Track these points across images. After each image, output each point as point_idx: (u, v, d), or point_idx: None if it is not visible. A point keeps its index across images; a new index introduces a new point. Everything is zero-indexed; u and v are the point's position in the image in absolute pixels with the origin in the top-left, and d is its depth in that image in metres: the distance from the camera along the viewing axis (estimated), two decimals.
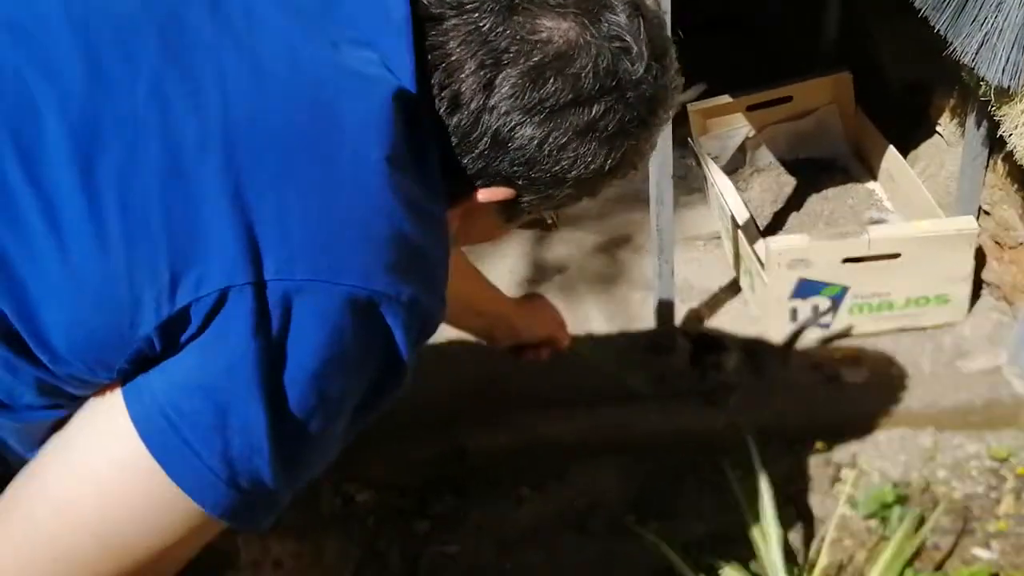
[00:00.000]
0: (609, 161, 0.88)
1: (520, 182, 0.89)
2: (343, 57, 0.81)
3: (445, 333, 1.68)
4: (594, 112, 0.85)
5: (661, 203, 1.79)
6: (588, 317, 2.09)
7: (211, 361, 0.76)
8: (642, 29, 0.86)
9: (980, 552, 1.63)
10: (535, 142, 0.85)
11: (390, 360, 0.83)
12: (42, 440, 0.83)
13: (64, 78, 0.76)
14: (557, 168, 0.87)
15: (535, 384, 1.87)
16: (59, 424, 0.83)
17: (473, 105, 0.83)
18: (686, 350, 1.90)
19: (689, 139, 2.40)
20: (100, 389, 0.80)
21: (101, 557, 0.80)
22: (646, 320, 2.02)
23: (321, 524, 1.59)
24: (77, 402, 0.82)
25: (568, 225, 2.37)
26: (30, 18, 0.79)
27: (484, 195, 0.90)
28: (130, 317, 0.74)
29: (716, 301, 2.11)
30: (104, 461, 0.79)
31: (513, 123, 0.84)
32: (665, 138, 1.66)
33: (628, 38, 0.85)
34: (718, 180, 2.18)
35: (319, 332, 0.77)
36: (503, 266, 2.23)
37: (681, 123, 2.52)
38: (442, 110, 0.84)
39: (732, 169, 2.42)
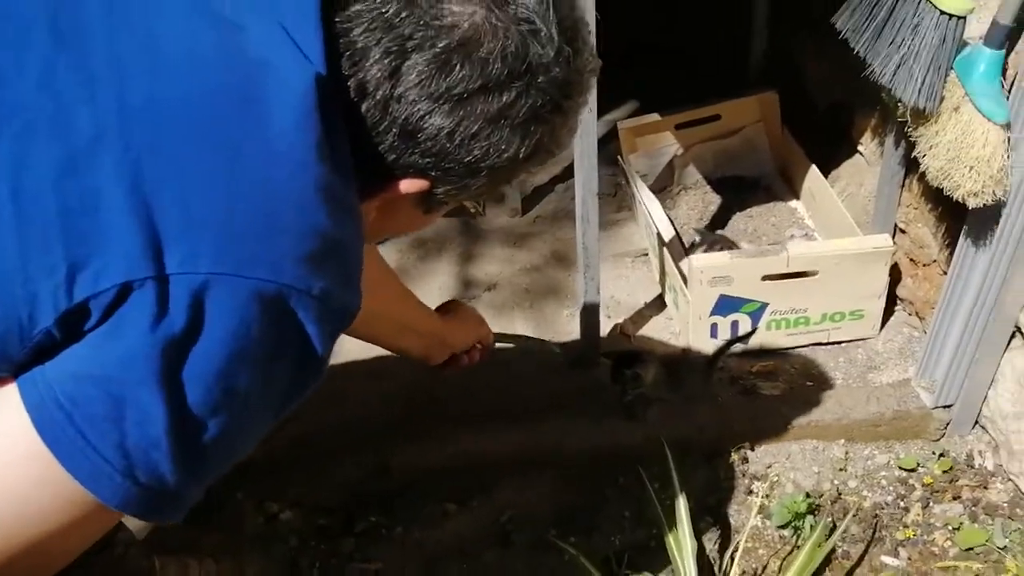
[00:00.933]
0: (524, 148, 0.86)
1: (434, 173, 0.86)
2: (251, 40, 0.78)
3: (371, 350, 1.70)
4: (504, 99, 0.82)
5: (587, 221, 1.82)
6: (516, 331, 2.11)
7: (108, 352, 0.74)
8: (551, 10, 0.82)
9: (888, 560, 1.68)
10: (445, 132, 0.82)
11: (304, 354, 0.81)
12: None
13: None
14: (470, 158, 0.85)
15: (460, 401, 1.90)
16: None
17: (380, 94, 0.80)
18: (607, 366, 1.93)
19: (619, 157, 2.45)
20: None
21: None
22: (573, 335, 2.06)
23: (242, 544, 1.60)
24: None
25: (498, 241, 2.40)
26: None
27: (399, 187, 0.87)
28: (28, 311, 0.73)
29: (641, 317, 2.16)
30: None
31: (421, 112, 0.81)
32: (590, 156, 1.69)
33: (537, 20, 0.81)
34: (645, 198, 2.22)
35: (225, 326, 0.75)
36: (434, 283, 2.26)
37: (610, 141, 2.58)
38: (353, 100, 0.81)
39: (660, 187, 2.47)
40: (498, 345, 1.79)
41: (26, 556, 0.79)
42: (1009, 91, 1.47)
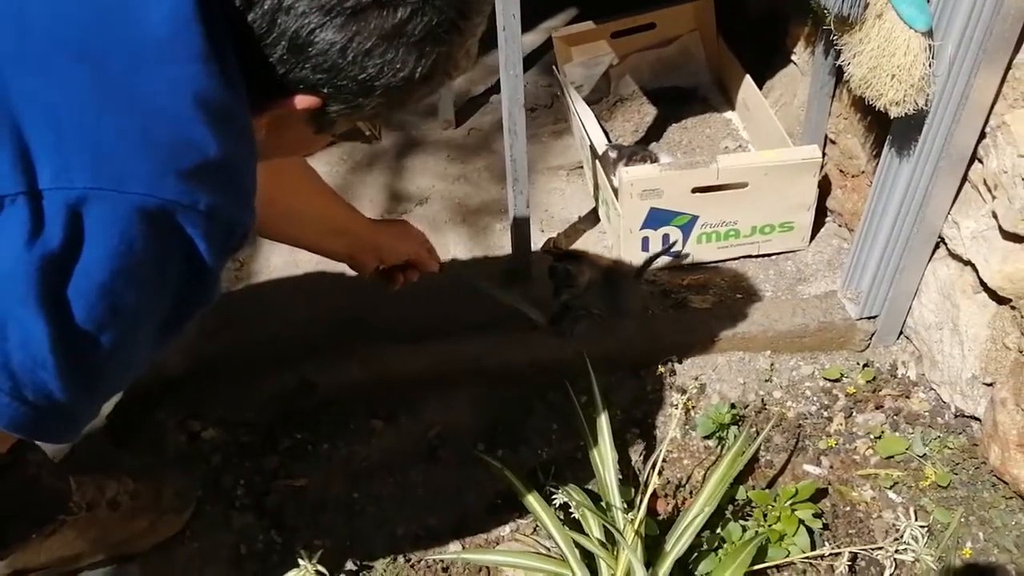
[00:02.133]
0: (420, 68, 0.83)
1: (326, 90, 0.83)
2: None
3: (295, 267, 1.67)
4: (399, 15, 0.79)
5: (514, 133, 1.78)
6: (448, 246, 2.09)
7: None
8: None
9: (810, 468, 1.71)
10: (337, 47, 0.80)
11: (193, 271, 0.79)
12: None
13: None
14: (363, 76, 0.82)
15: (387, 318, 1.88)
16: None
17: (267, 4, 0.78)
18: (543, 276, 1.91)
19: (554, 67, 2.40)
20: None
21: None
22: (505, 249, 2.03)
23: (162, 463, 1.58)
24: None
25: (430, 154, 2.36)
26: None
27: (292, 103, 0.85)
28: None
29: (575, 231, 2.14)
30: None
31: (312, 25, 0.79)
32: (515, 65, 1.65)
33: None
34: (579, 109, 2.18)
35: (106, 243, 0.73)
36: (364, 197, 2.21)
37: (547, 51, 2.52)
38: (240, 10, 0.78)
39: (596, 98, 2.43)
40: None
41: None
42: None
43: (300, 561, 1.31)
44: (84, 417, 0.84)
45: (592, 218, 2.17)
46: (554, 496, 1.45)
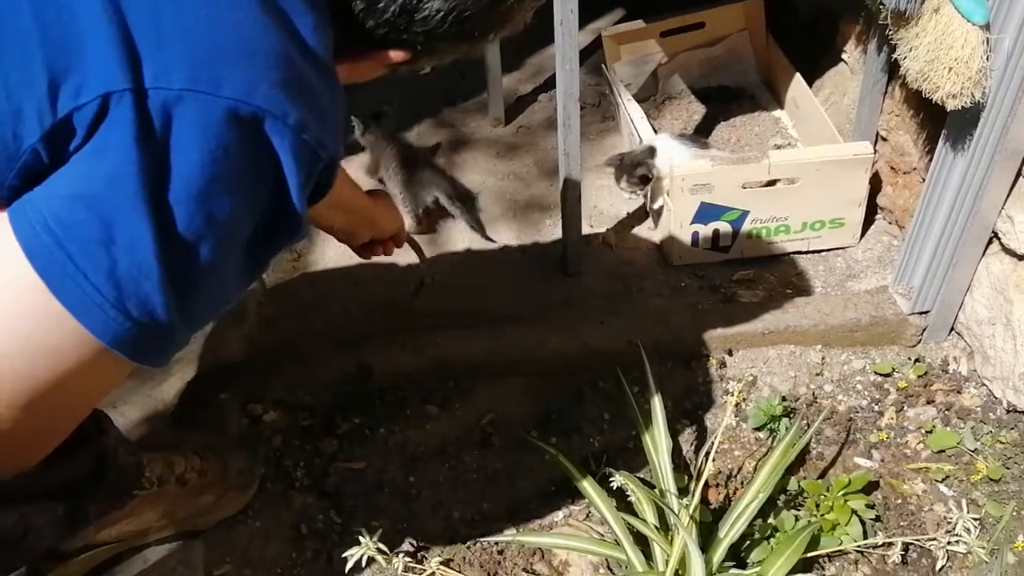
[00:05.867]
0: (498, 28, 0.92)
1: (419, 47, 0.91)
2: None
3: (353, 257, 1.71)
4: None
5: (568, 127, 1.81)
6: (499, 238, 2.12)
7: (94, 170, 0.73)
8: None
9: (861, 460, 1.72)
10: (441, 14, 0.86)
11: (279, 187, 0.81)
12: None
13: None
14: (456, 35, 0.89)
15: (441, 306, 1.91)
16: None
17: None
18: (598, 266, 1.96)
19: (603, 65, 2.43)
20: None
21: None
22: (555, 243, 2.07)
23: (227, 443, 1.62)
24: None
25: (480, 151, 2.39)
26: None
27: (381, 56, 0.91)
28: (12, 128, 0.73)
29: (624, 226, 2.16)
30: None
31: None
32: (571, 60, 1.68)
33: None
34: (628, 107, 2.21)
35: (202, 146, 0.75)
36: None
37: (595, 50, 2.55)
38: None
39: (644, 97, 2.45)
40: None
41: (39, 400, 0.79)
42: None
43: (361, 539, 1.35)
44: (178, 340, 0.85)
45: (640, 214, 2.19)
46: (611, 480, 1.47)
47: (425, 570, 1.43)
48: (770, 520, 1.57)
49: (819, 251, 2.04)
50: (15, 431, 0.80)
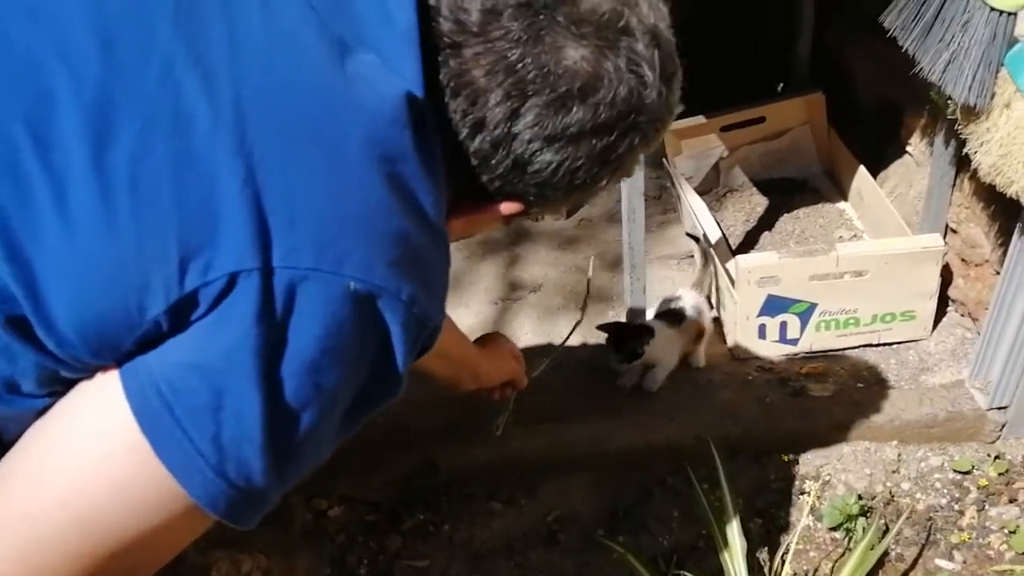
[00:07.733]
0: (610, 176, 0.93)
1: (532, 199, 0.92)
2: (351, 53, 0.81)
3: None
4: (610, 138, 0.88)
5: (633, 221, 1.82)
6: (563, 332, 2.11)
7: (213, 342, 0.75)
8: (656, 57, 0.87)
9: (943, 563, 1.65)
10: (552, 166, 0.88)
11: (384, 359, 0.82)
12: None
13: (78, 60, 0.75)
14: (569, 185, 0.91)
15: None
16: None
17: (497, 132, 0.85)
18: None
19: (664, 159, 2.44)
20: (96, 370, 0.79)
21: (77, 535, 0.78)
22: None
23: (292, 540, 1.61)
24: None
25: (542, 244, 2.40)
26: None
27: (492, 209, 0.93)
28: (138, 300, 0.74)
29: None
30: (92, 435, 0.77)
31: (535, 149, 0.87)
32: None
33: (645, 67, 0.86)
34: (691, 200, 2.22)
35: (320, 322, 0.77)
36: (480, 285, 2.26)
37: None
38: (463, 134, 0.86)
39: (705, 189, 2.46)
40: None
41: (121, 553, 0.80)
42: None
43: None
44: (270, 502, 0.86)
45: None
46: None
47: None
48: None
49: (890, 344, 2.00)
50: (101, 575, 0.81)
